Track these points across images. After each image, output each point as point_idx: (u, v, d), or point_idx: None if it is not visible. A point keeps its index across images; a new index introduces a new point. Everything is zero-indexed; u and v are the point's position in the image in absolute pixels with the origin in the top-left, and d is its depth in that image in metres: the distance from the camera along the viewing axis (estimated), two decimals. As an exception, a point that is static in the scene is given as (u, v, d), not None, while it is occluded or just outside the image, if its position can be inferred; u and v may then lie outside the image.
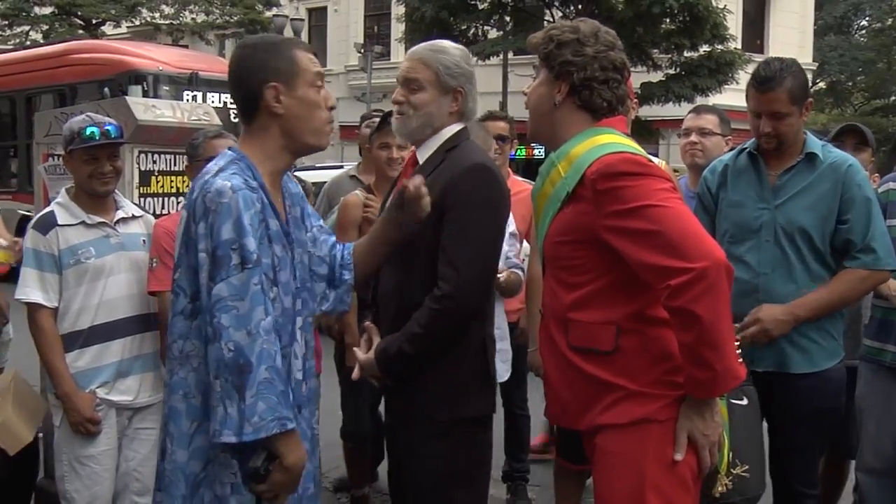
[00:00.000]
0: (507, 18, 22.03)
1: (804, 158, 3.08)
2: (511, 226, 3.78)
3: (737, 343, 2.22)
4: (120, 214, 3.35)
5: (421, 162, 2.71)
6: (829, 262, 3.05)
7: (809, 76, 29.72)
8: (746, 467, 2.52)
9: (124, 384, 3.28)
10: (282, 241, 2.27)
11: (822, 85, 36.42)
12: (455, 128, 2.71)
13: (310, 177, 7.27)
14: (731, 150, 3.59)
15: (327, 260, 2.51)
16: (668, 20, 20.13)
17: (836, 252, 3.05)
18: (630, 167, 2.16)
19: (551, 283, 2.38)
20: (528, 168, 21.74)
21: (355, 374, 2.70)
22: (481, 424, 2.70)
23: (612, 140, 2.25)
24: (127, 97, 4.54)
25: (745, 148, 3.21)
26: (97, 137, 3.20)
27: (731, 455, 2.42)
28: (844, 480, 4.12)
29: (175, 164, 4.07)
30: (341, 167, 7.92)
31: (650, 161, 2.24)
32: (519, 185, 4.62)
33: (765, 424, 3.07)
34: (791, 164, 3.09)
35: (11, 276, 3.42)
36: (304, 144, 2.31)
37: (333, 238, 2.60)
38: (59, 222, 3.22)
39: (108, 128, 3.26)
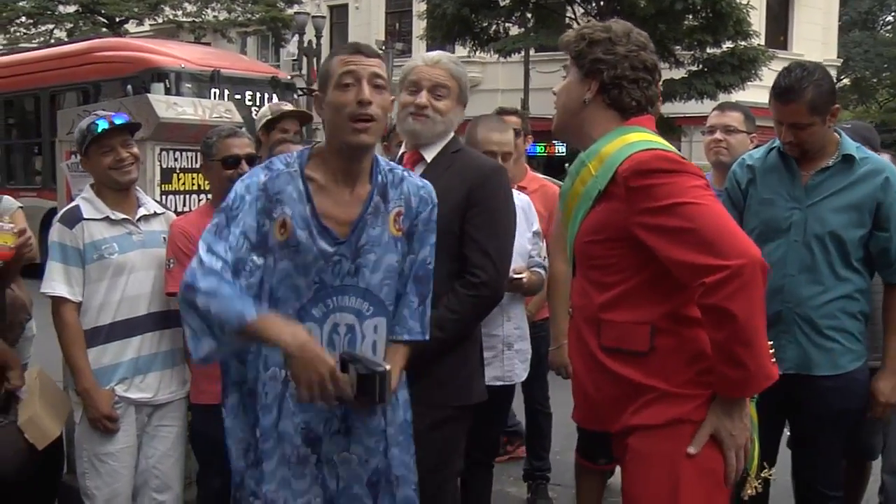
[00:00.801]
0: (529, 15, 21.98)
1: (840, 160, 3.04)
2: (535, 225, 3.78)
3: (770, 344, 2.18)
4: (142, 212, 3.36)
5: (429, 160, 2.92)
6: (856, 266, 3.02)
7: (833, 73, 29.50)
8: (773, 471, 2.50)
9: (144, 381, 3.29)
10: (309, 227, 2.32)
11: (846, 81, 36.08)
12: (451, 133, 2.98)
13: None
14: (756, 147, 3.54)
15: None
16: (690, 16, 19.99)
17: (867, 258, 3.04)
18: (663, 164, 2.15)
19: (582, 282, 2.36)
20: (549, 165, 21.70)
21: None
22: (473, 411, 2.92)
23: (642, 138, 2.24)
24: (149, 95, 4.55)
25: (776, 146, 3.17)
26: (107, 127, 3.22)
27: (760, 457, 2.38)
28: (866, 481, 4.08)
29: (196, 162, 4.07)
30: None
31: (683, 158, 2.23)
32: (538, 181, 4.60)
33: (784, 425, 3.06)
34: (826, 165, 3.05)
35: (34, 272, 3.43)
36: (340, 143, 2.36)
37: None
38: (85, 216, 3.23)
39: (115, 118, 3.28)
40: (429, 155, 2.93)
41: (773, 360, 2.17)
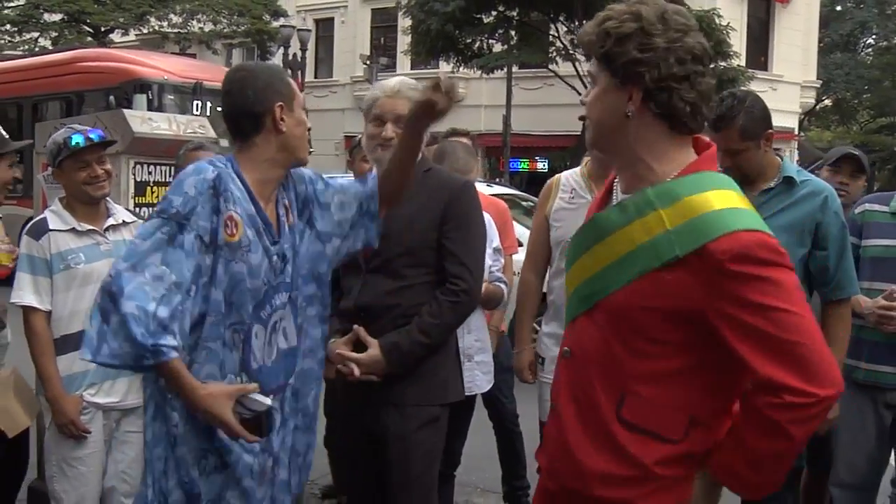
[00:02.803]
0: (512, 33, 22.18)
1: (782, 182, 3.17)
2: (495, 241, 3.90)
3: None
4: (110, 221, 3.43)
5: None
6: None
7: (813, 94, 29.76)
8: None
9: (113, 386, 3.36)
10: (256, 226, 2.37)
11: (827, 102, 36.46)
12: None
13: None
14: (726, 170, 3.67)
15: (356, 200, 2.63)
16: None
17: (807, 277, 3.16)
18: (771, 255, 1.77)
19: (604, 335, 1.91)
20: (532, 182, 21.81)
21: (356, 372, 2.86)
22: (450, 408, 3.09)
23: (735, 203, 1.84)
24: (124, 110, 4.64)
25: (723, 168, 3.29)
26: (83, 143, 3.30)
27: None
28: (826, 494, 4.18)
29: (171, 176, 4.17)
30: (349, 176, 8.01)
31: (783, 249, 1.84)
32: (486, 199, 4.69)
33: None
34: (768, 187, 3.18)
35: (8, 280, 3.52)
36: (296, 158, 2.49)
37: (357, 182, 2.70)
38: (51, 227, 3.32)
39: (91, 134, 3.35)
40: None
41: None
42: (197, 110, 12.40)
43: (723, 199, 1.82)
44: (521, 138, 23.88)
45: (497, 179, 18.55)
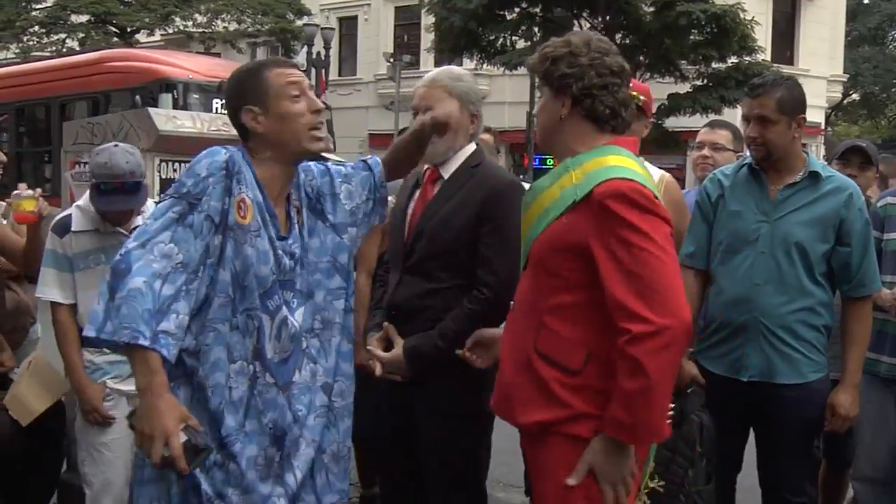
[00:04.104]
0: (536, 29, 22.10)
1: (807, 176, 3.17)
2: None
3: (671, 406, 2.30)
4: (138, 221, 3.44)
5: (446, 177, 3.00)
6: (819, 280, 3.13)
7: (840, 88, 29.49)
8: (663, 483, 2.66)
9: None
10: (262, 214, 2.31)
11: (855, 96, 36.09)
12: (472, 147, 3.03)
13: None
14: None
15: (363, 188, 2.59)
16: (695, 32, 20.13)
17: (829, 274, 3.16)
18: (640, 199, 2.18)
19: (531, 281, 2.36)
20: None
21: (378, 371, 2.89)
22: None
23: (626, 164, 2.26)
24: (149, 108, 4.71)
25: (747, 162, 3.30)
26: (109, 193, 3.30)
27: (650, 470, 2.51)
28: (845, 489, 4.18)
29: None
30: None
31: (657, 198, 2.24)
32: None
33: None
34: (794, 181, 3.18)
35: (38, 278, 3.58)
36: (291, 152, 2.39)
37: (364, 169, 2.63)
38: (74, 228, 3.38)
39: (126, 181, 3.31)
40: (446, 172, 3.01)
41: (669, 420, 2.26)
42: (221, 109, 12.47)
43: (617, 161, 2.27)
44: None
45: (521, 176, 18.55)
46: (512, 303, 2.45)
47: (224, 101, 2.44)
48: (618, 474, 2.21)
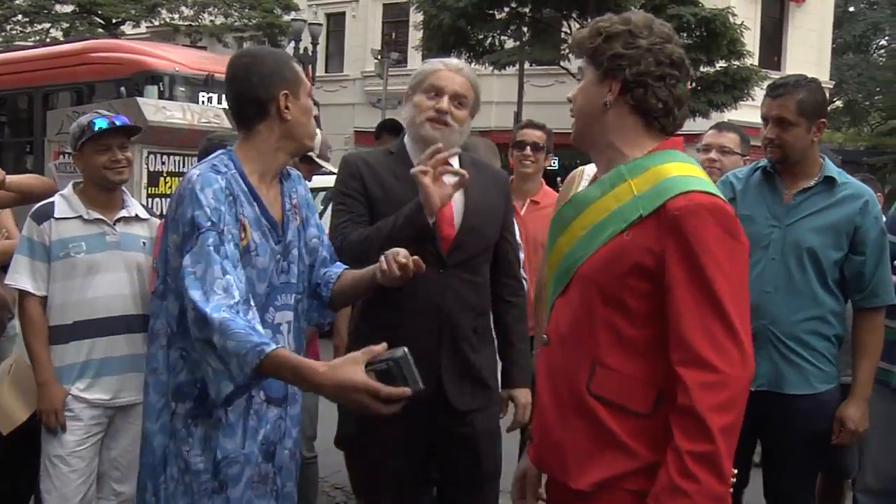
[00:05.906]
0: (525, 29, 22.10)
1: (822, 181, 3.09)
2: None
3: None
4: (122, 213, 3.37)
5: (455, 166, 2.84)
6: (832, 287, 3.06)
7: (826, 94, 29.64)
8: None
9: (106, 383, 3.27)
10: (261, 228, 2.32)
11: (838, 103, 36.29)
12: None
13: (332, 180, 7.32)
14: None
15: (317, 263, 2.58)
16: (684, 35, 20.11)
17: (842, 282, 3.09)
18: (723, 219, 1.87)
19: (577, 312, 1.98)
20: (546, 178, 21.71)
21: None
22: None
23: (694, 173, 1.95)
24: (138, 98, 4.58)
25: (761, 165, 3.22)
26: (106, 126, 3.25)
27: None
28: (843, 499, 4.12)
29: (184, 166, 4.11)
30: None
31: (734, 216, 1.95)
32: (552, 195, 4.54)
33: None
34: (808, 185, 3.10)
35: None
36: (301, 146, 2.44)
37: (325, 247, 2.63)
38: (56, 215, 3.26)
39: (116, 119, 3.32)
40: (454, 161, 2.80)
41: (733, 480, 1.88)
42: (208, 103, 12.34)
43: (684, 169, 1.95)
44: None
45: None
46: (544, 336, 2.09)
47: (244, 82, 2.35)
48: None
